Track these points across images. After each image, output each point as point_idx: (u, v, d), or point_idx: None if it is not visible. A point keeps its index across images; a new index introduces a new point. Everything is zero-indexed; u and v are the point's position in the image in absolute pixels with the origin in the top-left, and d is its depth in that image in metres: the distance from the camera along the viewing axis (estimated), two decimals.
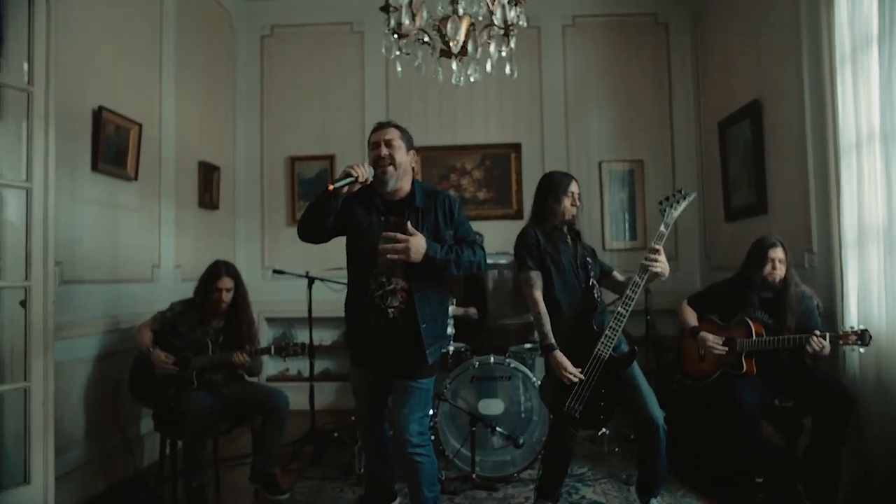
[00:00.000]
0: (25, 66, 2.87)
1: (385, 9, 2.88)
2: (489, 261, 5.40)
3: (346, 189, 2.48)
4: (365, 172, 2.49)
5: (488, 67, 2.93)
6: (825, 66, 3.57)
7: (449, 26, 2.74)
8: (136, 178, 3.98)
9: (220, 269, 3.59)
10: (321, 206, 2.52)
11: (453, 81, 3.00)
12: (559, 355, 2.80)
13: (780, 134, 4.18)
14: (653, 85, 5.87)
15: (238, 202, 5.74)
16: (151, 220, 4.25)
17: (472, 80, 3.05)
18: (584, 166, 5.83)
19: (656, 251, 2.75)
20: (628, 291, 2.79)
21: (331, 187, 2.43)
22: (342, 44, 5.95)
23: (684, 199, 2.83)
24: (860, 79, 3.24)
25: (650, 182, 5.79)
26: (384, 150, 2.61)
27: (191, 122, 4.78)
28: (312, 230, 2.60)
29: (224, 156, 5.42)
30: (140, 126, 3.98)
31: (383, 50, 2.92)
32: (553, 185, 3.03)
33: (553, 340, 2.83)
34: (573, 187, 3.02)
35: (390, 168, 2.59)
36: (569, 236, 3.03)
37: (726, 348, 3.27)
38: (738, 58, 4.85)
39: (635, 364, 2.88)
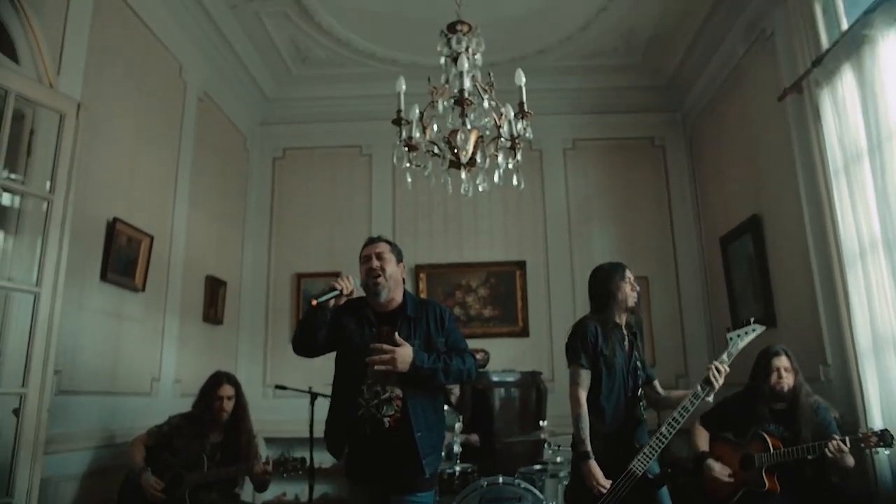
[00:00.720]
0: (49, 176, 2.99)
1: (397, 122, 3.00)
2: (495, 378, 5.39)
3: (332, 302, 2.58)
4: (350, 285, 2.59)
5: (496, 178, 3.01)
6: (820, 180, 3.67)
7: (458, 137, 2.85)
8: (143, 289, 4.00)
9: (220, 378, 3.54)
10: (310, 321, 2.61)
11: (462, 191, 3.08)
12: (594, 465, 2.69)
13: (782, 247, 4.23)
14: (653, 203, 6.02)
15: (242, 318, 5.72)
16: (155, 332, 4.22)
17: (480, 189, 3.12)
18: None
19: (720, 371, 2.73)
20: (678, 413, 2.74)
21: (314, 302, 2.51)
22: (351, 166, 6.19)
23: (753, 331, 2.82)
24: (856, 190, 3.33)
25: (655, 298, 5.78)
26: (375, 263, 2.69)
27: (201, 237, 4.87)
28: (305, 344, 2.67)
29: (231, 271, 5.48)
30: (151, 238, 4.06)
31: (394, 160, 3.03)
32: (610, 273, 3.00)
33: (590, 448, 2.72)
34: (628, 273, 3.00)
35: (381, 280, 2.66)
36: (627, 336, 2.97)
37: (732, 479, 3.14)
38: (734, 175, 5.01)
39: (664, 487, 2.76)
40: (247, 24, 5.07)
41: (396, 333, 2.57)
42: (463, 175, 2.98)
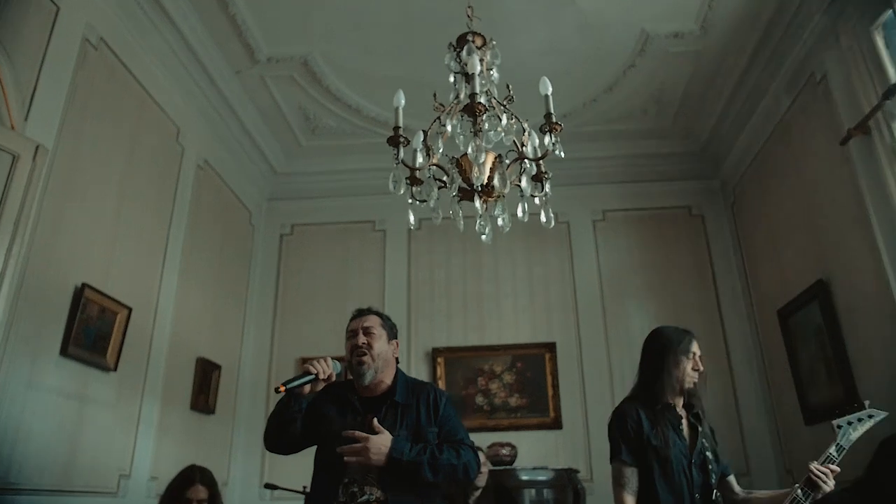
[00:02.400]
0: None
1: (394, 140, 2.52)
2: (524, 477, 4.65)
3: (307, 389, 2.29)
4: (328, 368, 2.30)
5: (520, 212, 2.48)
6: None
7: (470, 149, 2.34)
8: (115, 368, 3.47)
9: (193, 475, 2.95)
10: (280, 412, 2.29)
11: (477, 230, 2.55)
12: None
13: (859, 313, 3.60)
14: (694, 277, 5.44)
15: (239, 407, 5.11)
16: (128, 419, 3.65)
17: (499, 223, 2.58)
18: (627, 365, 5.17)
19: (830, 471, 2.09)
20: None
21: (281, 388, 2.19)
22: (363, 241, 5.76)
23: (870, 418, 2.17)
24: None
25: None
26: (361, 339, 2.35)
27: (193, 314, 4.38)
28: (276, 439, 2.32)
29: (228, 353, 4.93)
30: (130, 311, 3.58)
31: (391, 186, 2.52)
32: (669, 342, 2.37)
33: None
34: (694, 346, 2.38)
35: (366, 359, 2.32)
36: (685, 420, 2.35)
37: None
38: (789, 240, 4.44)
39: None
40: (253, 90, 4.81)
41: (376, 420, 2.21)
42: (478, 205, 2.45)
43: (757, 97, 4.69)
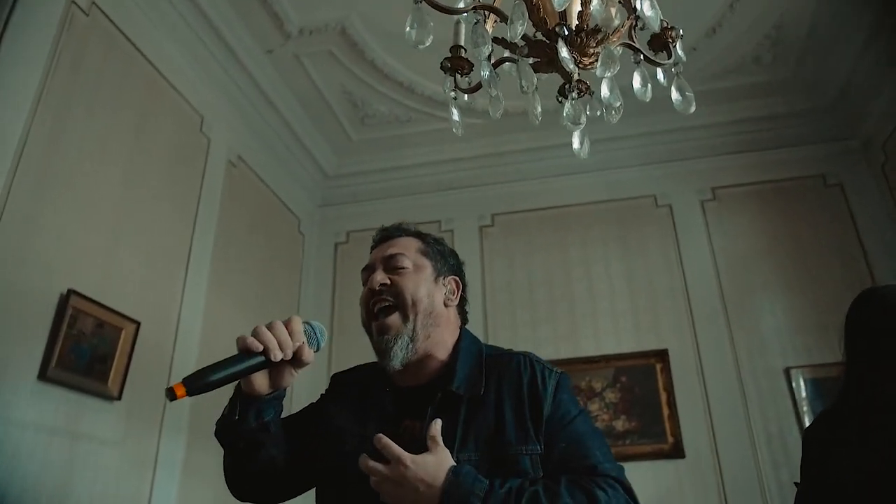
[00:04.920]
0: None
1: (457, 63, 1.60)
2: None
3: (260, 383, 1.22)
4: (289, 339, 1.18)
5: (636, 82, 1.43)
6: None
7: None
8: (118, 397, 2.81)
9: None
10: (226, 432, 1.28)
11: (565, 115, 1.52)
12: None
13: None
14: (839, 259, 4.32)
15: None
16: (141, 459, 2.96)
17: (604, 93, 1.46)
18: (762, 374, 4.13)
19: None
20: None
21: (178, 391, 1.08)
22: None
23: None
24: None
25: None
26: (379, 279, 1.34)
27: (228, 332, 3.70)
28: (236, 479, 1.34)
29: None
30: (138, 325, 2.92)
31: (454, 129, 1.66)
32: None
33: None
34: None
35: (393, 319, 1.30)
36: None
37: None
38: None
39: None
40: (288, 73, 4.15)
41: (436, 424, 1.18)
42: (565, 54, 1.37)
43: None
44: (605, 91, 1.29)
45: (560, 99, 1.43)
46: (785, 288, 4.33)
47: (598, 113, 1.47)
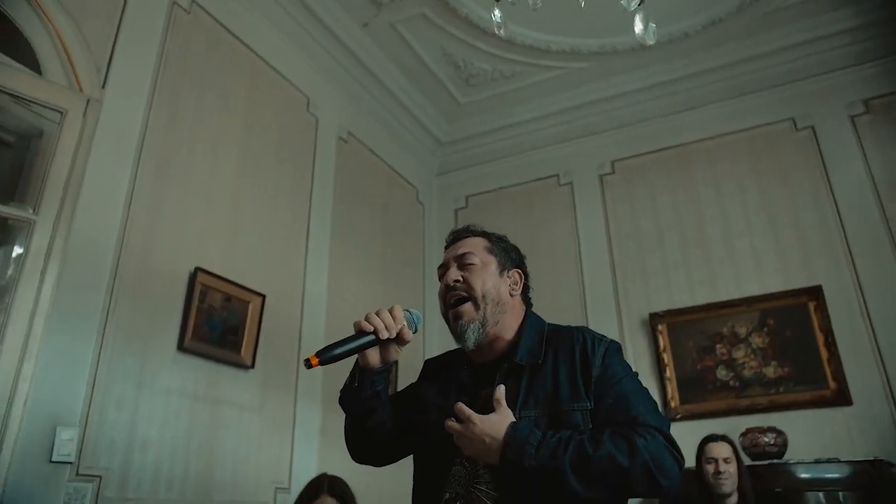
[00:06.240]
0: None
1: None
2: (804, 475, 3.32)
3: (374, 359, 1.46)
4: (394, 323, 1.44)
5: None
6: None
7: None
8: (252, 365, 3.02)
9: (320, 486, 2.34)
10: (347, 400, 1.54)
11: None
12: None
13: None
14: None
15: None
16: (279, 424, 3.16)
17: None
18: None
19: None
20: None
21: (313, 361, 1.32)
22: (549, 200, 4.85)
23: None
24: None
25: None
26: (454, 275, 1.56)
27: (355, 303, 3.85)
28: (354, 442, 1.60)
29: (405, 348, 4.32)
30: (263, 298, 3.11)
31: (496, 30, 1.69)
32: None
33: None
34: None
35: (466, 307, 1.52)
36: None
37: None
38: None
39: None
40: (387, 44, 4.20)
41: (501, 389, 1.40)
42: None
43: None
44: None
45: None
46: None
47: None
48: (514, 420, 1.35)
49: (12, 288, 2.03)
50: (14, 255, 2.18)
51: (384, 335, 1.41)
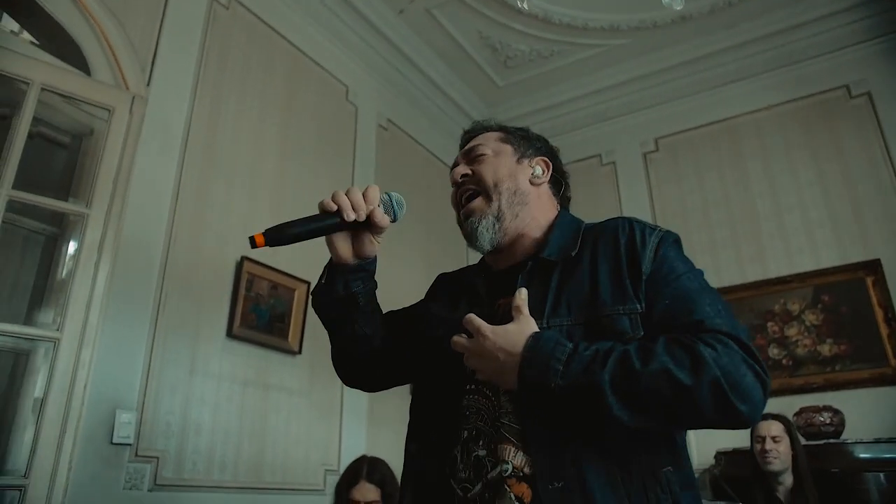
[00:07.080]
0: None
1: None
2: (862, 455, 3.22)
3: (344, 250, 1.21)
4: (363, 204, 1.17)
5: None
6: None
7: None
8: (299, 351, 3.09)
9: (359, 470, 2.32)
10: (317, 301, 1.30)
11: None
12: None
13: None
14: None
15: None
16: (327, 408, 3.24)
17: None
18: None
19: None
20: None
21: (258, 238, 1.09)
22: (592, 181, 4.79)
23: None
24: None
25: None
26: (460, 171, 1.29)
27: (399, 288, 3.89)
28: (335, 357, 1.38)
29: None
30: (308, 285, 3.18)
31: (519, 3, 1.60)
32: None
33: None
34: None
35: (477, 203, 1.25)
36: None
37: None
38: None
39: None
40: (424, 30, 4.20)
41: (521, 293, 1.08)
42: None
43: None
44: None
45: None
46: None
47: None
48: (538, 330, 1.04)
49: (70, 280, 2.13)
50: (71, 249, 2.29)
51: (350, 216, 1.15)
